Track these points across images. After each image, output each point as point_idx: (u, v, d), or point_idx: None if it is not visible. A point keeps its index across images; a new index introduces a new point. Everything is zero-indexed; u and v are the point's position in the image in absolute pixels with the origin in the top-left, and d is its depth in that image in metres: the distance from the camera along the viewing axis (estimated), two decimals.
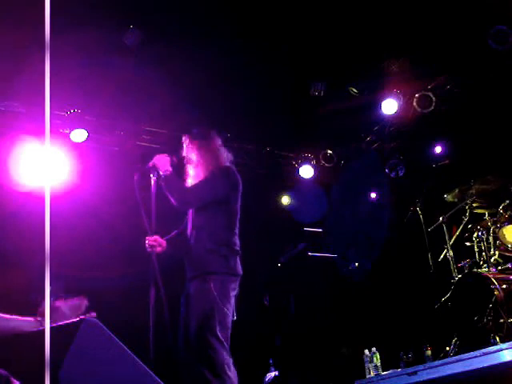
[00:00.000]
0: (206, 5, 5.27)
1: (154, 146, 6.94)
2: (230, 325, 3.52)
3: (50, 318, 1.51)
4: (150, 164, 3.68)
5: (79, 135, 6.28)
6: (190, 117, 6.47)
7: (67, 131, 6.28)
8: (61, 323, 2.20)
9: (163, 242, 3.68)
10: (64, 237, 4.99)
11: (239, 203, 3.78)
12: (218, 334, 3.41)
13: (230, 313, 3.52)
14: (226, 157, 3.88)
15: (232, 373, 3.40)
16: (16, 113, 6.07)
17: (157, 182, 3.63)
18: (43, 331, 1.40)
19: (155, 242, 3.62)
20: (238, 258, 3.68)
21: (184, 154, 3.87)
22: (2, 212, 5.69)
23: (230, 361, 3.44)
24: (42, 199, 1.50)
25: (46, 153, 5.69)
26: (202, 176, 3.75)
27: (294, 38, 5.78)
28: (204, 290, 3.48)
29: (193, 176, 3.82)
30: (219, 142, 3.92)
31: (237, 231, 3.74)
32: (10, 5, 4.62)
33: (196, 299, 3.52)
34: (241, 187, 3.79)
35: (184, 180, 3.84)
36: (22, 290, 4.95)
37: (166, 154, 3.69)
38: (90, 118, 6.40)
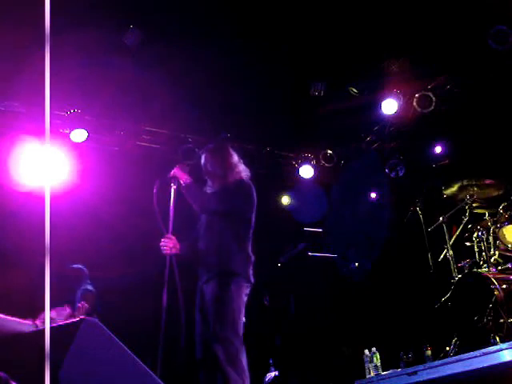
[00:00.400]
0: (206, 5, 5.27)
1: (154, 146, 6.94)
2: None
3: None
4: (171, 174, 3.88)
5: (79, 135, 6.28)
6: (190, 117, 6.47)
7: (67, 131, 6.28)
8: (61, 323, 2.20)
9: (177, 244, 3.81)
10: (64, 237, 4.98)
11: (254, 216, 3.91)
12: (239, 331, 3.56)
13: (243, 315, 3.66)
14: (244, 171, 4.01)
15: (247, 372, 3.53)
16: (16, 113, 6.07)
17: (177, 190, 3.83)
18: (43, 331, 1.40)
19: (170, 242, 3.75)
20: (251, 267, 3.81)
21: (202, 166, 4.02)
22: (2, 212, 5.69)
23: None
24: (42, 199, 1.50)
25: (46, 153, 5.69)
26: (218, 187, 3.90)
27: (294, 38, 5.78)
28: (223, 290, 3.61)
29: (210, 186, 3.98)
30: (236, 157, 4.06)
31: (250, 241, 3.88)
32: (10, 5, 4.62)
33: (215, 300, 3.61)
34: (255, 200, 3.92)
35: (203, 188, 4.00)
36: (22, 289, 4.95)
37: (185, 164, 3.92)
38: (89, 117, 6.40)
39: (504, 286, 4.71)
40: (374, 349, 5.08)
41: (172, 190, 3.83)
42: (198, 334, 3.70)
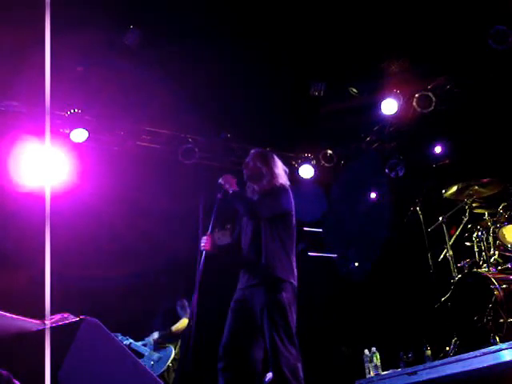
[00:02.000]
0: (206, 5, 5.27)
1: (154, 146, 6.95)
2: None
3: None
4: (220, 181, 4.01)
5: (79, 135, 6.28)
6: (189, 117, 6.47)
7: (67, 131, 6.28)
8: (61, 323, 2.20)
9: (215, 243, 3.91)
10: (64, 236, 4.99)
11: (294, 219, 4.04)
12: (296, 340, 3.64)
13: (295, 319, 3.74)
14: (282, 179, 4.09)
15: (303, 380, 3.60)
16: (16, 113, 6.07)
17: (220, 200, 3.99)
18: (43, 331, 1.41)
19: (208, 239, 3.85)
20: (296, 271, 3.91)
21: (245, 164, 4.15)
22: (2, 212, 5.69)
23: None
24: (42, 199, 1.50)
25: (46, 153, 5.69)
26: (260, 192, 4.00)
27: (294, 38, 5.78)
28: (277, 297, 3.67)
29: (254, 192, 4.06)
30: (279, 167, 4.17)
31: (294, 245, 4.00)
32: (10, 5, 4.62)
33: (269, 307, 3.64)
34: (293, 205, 4.05)
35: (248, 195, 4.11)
36: (22, 289, 4.95)
37: (231, 175, 4.05)
38: (89, 118, 6.40)
39: (504, 286, 4.71)
40: (374, 349, 5.08)
41: (217, 199, 4.00)
42: (226, 340, 3.72)
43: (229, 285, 4.02)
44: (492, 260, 5.14)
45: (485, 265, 5.13)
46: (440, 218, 5.66)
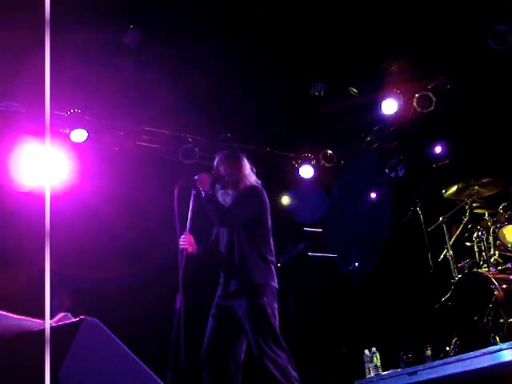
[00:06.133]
0: (206, 4, 5.27)
1: (154, 146, 6.94)
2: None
3: None
4: (196, 179, 3.88)
5: (79, 135, 6.28)
6: (190, 117, 6.47)
7: (67, 131, 6.28)
8: (61, 323, 2.20)
9: (195, 244, 3.81)
10: (64, 237, 4.99)
11: (270, 220, 3.96)
12: (282, 342, 3.62)
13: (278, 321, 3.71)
14: (254, 178, 4.06)
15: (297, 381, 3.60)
16: (16, 113, 6.06)
17: (196, 196, 3.89)
18: (43, 331, 1.40)
19: (189, 239, 3.75)
20: (275, 273, 3.86)
21: (214, 167, 4.06)
22: (2, 212, 5.69)
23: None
24: (42, 199, 1.50)
25: (46, 153, 5.69)
26: (232, 195, 3.93)
27: (293, 38, 5.78)
28: (259, 302, 3.63)
29: (222, 193, 3.99)
30: (248, 168, 4.09)
31: (271, 246, 3.92)
32: (10, 4, 4.62)
33: (252, 318, 3.62)
34: (268, 205, 3.98)
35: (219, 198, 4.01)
36: (22, 289, 4.95)
37: (207, 174, 3.92)
38: (89, 118, 6.39)
39: (504, 286, 4.71)
40: (374, 349, 5.08)
41: (192, 194, 3.90)
42: (208, 344, 3.70)
43: (215, 282, 3.99)
44: (492, 260, 5.14)
45: (485, 265, 5.13)
46: (440, 218, 5.66)
